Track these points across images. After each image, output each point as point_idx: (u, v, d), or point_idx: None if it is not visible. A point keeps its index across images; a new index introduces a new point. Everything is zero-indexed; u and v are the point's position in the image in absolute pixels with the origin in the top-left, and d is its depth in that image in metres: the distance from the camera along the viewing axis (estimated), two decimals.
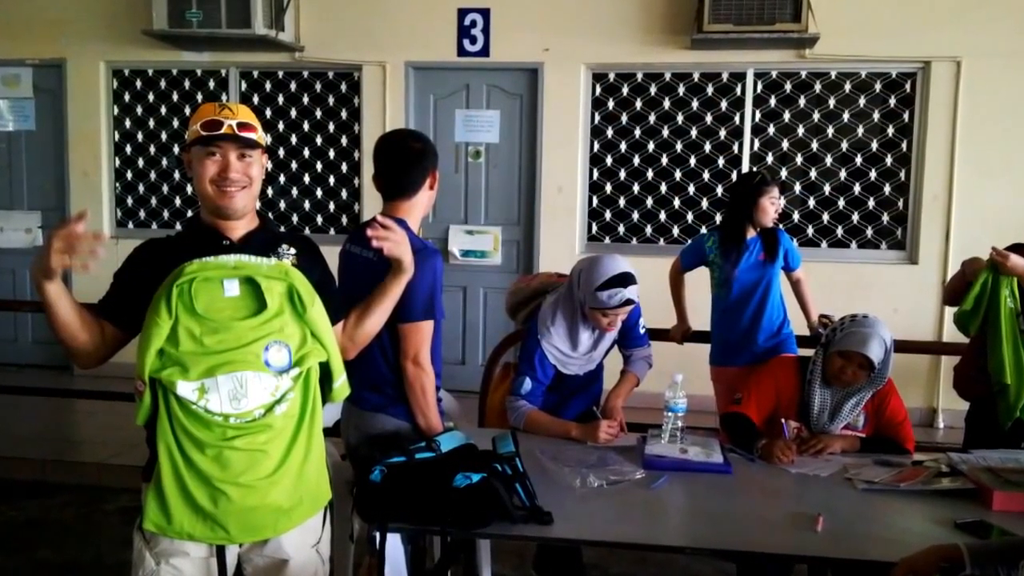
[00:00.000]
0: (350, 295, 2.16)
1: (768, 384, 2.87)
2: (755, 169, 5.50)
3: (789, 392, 2.85)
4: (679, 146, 5.79)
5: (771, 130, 5.68)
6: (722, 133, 5.72)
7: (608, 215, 5.94)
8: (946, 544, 1.72)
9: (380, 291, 2.12)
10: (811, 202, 5.69)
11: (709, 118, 5.73)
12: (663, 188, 5.85)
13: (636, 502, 2.29)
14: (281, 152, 6.24)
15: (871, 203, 5.63)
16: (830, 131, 5.62)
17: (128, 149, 6.41)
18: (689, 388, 2.72)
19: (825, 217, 5.68)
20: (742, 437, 2.74)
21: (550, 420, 2.85)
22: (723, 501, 2.33)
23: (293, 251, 1.96)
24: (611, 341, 2.98)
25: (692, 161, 5.79)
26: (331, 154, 6.24)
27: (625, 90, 5.81)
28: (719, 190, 5.77)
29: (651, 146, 5.82)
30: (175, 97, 6.33)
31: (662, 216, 5.87)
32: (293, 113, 6.24)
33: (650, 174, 5.85)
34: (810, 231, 5.69)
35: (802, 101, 5.62)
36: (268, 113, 6.20)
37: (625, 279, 2.73)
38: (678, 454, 2.59)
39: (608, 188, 5.91)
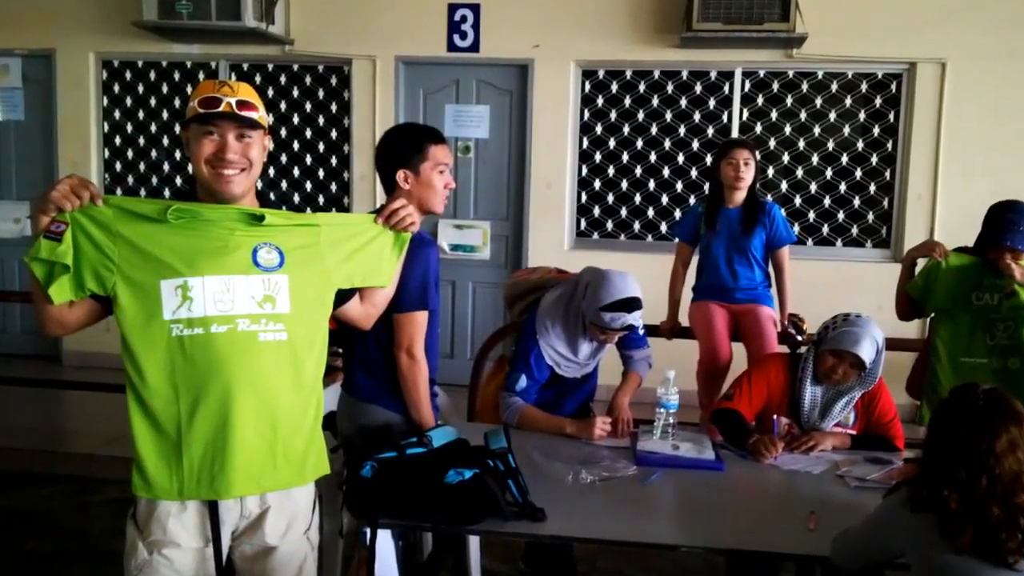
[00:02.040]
0: None
1: (760, 381, 2.87)
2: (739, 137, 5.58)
3: (780, 389, 2.85)
4: (667, 143, 5.83)
5: (758, 129, 5.73)
6: (710, 131, 5.77)
7: (597, 211, 5.98)
8: None
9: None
10: (797, 200, 5.75)
11: (697, 116, 5.77)
12: (651, 185, 5.89)
13: (629, 498, 2.30)
14: (270, 145, 6.22)
15: (856, 202, 5.69)
16: (816, 130, 5.68)
17: (117, 140, 6.38)
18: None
19: (811, 215, 5.75)
20: (734, 433, 2.74)
21: (544, 416, 2.84)
22: (716, 497, 2.35)
23: None
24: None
25: (680, 159, 5.83)
26: (321, 147, 6.25)
27: (614, 87, 5.85)
28: (707, 187, 5.80)
29: (639, 143, 5.86)
30: (165, 89, 6.31)
31: (650, 212, 5.92)
32: (283, 106, 6.24)
33: (638, 171, 5.89)
34: (796, 229, 5.74)
35: (789, 100, 5.68)
36: None
37: (631, 304, 2.72)
38: (670, 450, 2.59)
39: (597, 184, 5.95)
